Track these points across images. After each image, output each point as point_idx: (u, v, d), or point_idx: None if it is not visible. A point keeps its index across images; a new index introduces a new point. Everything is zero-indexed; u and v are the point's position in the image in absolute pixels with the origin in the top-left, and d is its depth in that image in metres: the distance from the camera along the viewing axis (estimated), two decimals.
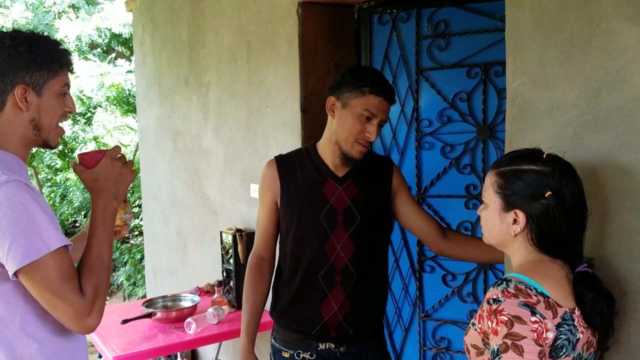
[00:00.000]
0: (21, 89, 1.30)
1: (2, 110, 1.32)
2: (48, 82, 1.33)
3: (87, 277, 1.28)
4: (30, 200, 1.22)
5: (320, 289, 1.79)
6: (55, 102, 1.36)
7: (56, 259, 1.23)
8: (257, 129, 2.87)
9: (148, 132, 4.35)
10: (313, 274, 1.79)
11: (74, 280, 1.26)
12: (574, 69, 1.39)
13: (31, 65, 1.31)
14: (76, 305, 1.24)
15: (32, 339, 1.30)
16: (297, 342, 1.83)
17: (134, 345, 2.46)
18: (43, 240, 1.21)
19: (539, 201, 1.18)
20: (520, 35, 1.50)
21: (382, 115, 1.72)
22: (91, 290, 1.27)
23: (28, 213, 1.21)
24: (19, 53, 1.30)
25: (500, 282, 1.18)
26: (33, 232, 1.21)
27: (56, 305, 1.24)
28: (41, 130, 1.35)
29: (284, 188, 1.82)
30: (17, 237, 1.19)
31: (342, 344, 1.81)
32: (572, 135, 1.41)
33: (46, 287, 1.22)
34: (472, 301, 2.55)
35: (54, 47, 1.35)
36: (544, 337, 1.10)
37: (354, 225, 1.77)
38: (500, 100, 2.38)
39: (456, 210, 2.53)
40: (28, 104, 1.32)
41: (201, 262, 3.61)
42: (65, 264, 1.25)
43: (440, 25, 2.48)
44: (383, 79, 1.75)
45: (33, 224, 1.21)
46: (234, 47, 2.99)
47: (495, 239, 1.28)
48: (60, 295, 1.23)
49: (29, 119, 1.33)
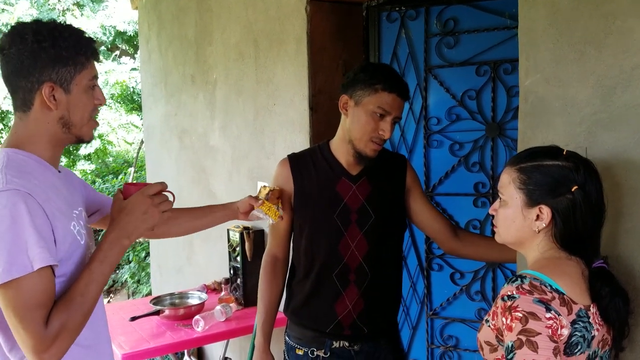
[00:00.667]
0: (48, 87, 1.24)
1: (30, 110, 1.27)
2: (75, 76, 1.27)
3: (58, 311, 1.18)
4: (22, 213, 1.14)
5: (334, 288, 1.78)
6: (84, 96, 1.29)
7: (35, 281, 1.14)
8: (264, 127, 2.87)
9: (154, 130, 4.35)
10: (327, 272, 1.79)
11: (44, 309, 1.16)
12: (588, 67, 1.39)
13: (57, 61, 1.24)
14: (36, 337, 1.14)
15: None
16: (311, 340, 1.82)
17: (142, 343, 2.46)
18: (28, 258, 1.13)
19: (565, 196, 1.18)
20: (534, 33, 1.50)
21: (396, 112, 1.71)
22: (57, 326, 1.16)
23: (16, 227, 1.13)
24: (43, 49, 1.23)
25: (515, 279, 1.18)
26: (17, 249, 1.13)
27: (17, 330, 1.16)
28: (71, 128, 1.29)
29: (297, 187, 1.82)
30: (1, 252, 1.12)
31: (356, 342, 1.80)
32: (586, 133, 1.40)
33: (13, 308, 1.14)
34: (480, 299, 2.55)
35: (78, 37, 1.27)
36: (558, 334, 1.10)
37: (368, 223, 1.77)
38: (509, 98, 2.37)
39: (465, 209, 2.53)
40: (57, 102, 1.26)
41: (207, 260, 3.61)
42: (42, 290, 1.16)
43: (449, 22, 2.47)
44: (396, 75, 1.74)
45: (18, 239, 1.13)
46: (242, 44, 2.99)
47: (513, 236, 1.27)
48: (24, 321, 1.14)
49: (57, 117, 1.27)
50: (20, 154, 1.26)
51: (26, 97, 1.26)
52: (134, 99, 7.74)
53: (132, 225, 1.30)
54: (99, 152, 7.72)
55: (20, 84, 1.26)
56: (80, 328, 1.22)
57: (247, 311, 2.82)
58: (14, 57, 1.24)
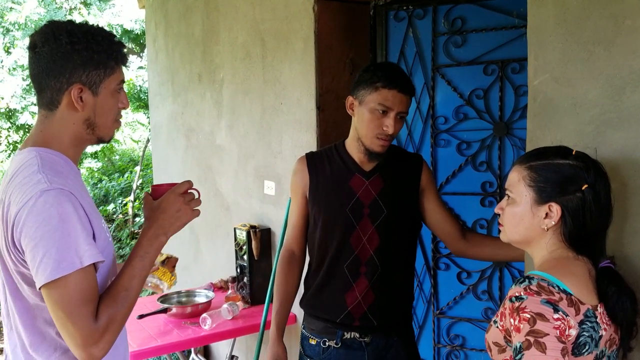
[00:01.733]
0: (77, 89, 1.26)
1: (57, 109, 1.28)
2: (105, 80, 1.28)
3: (106, 305, 1.22)
4: (69, 212, 1.18)
5: (345, 279, 1.83)
6: (111, 100, 1.31)
7: (81, 278, 1.18)
8: (271, 126, 2.88)
9: (160, 128, 4.36)
10: (339, 263, 1.83)
11: (92, 304, 1.20)
12: (597, 67, 1.39)
13: (88, 64, 1.25)
14: (85, 331, 1.18)
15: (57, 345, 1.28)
16: (324, 330, 1.87)
17: (150, 340, 2.47)
18: (77, 255, 1.17)
19: (575, 194, 1.18)
20: (543, 33, 1.50)
21: (399, 108, 1.74)
22: (105, 320, 1.20)
23: (64, 226, 1.17)
24: (76, 51, 1.24)
25: (522, 280, 1.18)
26: (66, 247, 1.16)
27: (65, 325, 1.18)
28: (95, 129, 1.32)
29: (312, 182, 1.88)
30: (50, 249, 1.15)
31: (366, 334, 1.84)
32: (594, 133, 1.40)
33: (61, 304, 1.17)
34: (487, 299, 2.54)
35: (110, 42, 1.29)
36: (566, 334, 1.10)
37: (380, 218, 1.81)
38: (517, 97, 2.37)
39: (472, 208, 2.53)
40: (84, 103, 1.27)
41: (213, 259, 3.63)
42: (89, 285, 1.20)
43: (457, 21, 2.47)
44: (397, 72, 1.77)
45: (68, 237, 1.17)
46: (249, 44, 2.99)
47: (521, 235, 1.27)
48: (72, 317, 1.17)
49: (83, 118, 1.29)
50: (50, 153, 1.28)
51: (54, 97, 1.28)
52: (141, 97, 7.77)
53: (168, 223, 1.34)
54: (105, 150, 7.75)
55: (50, 83, 1.27)
56: (125, 321, 1.26)
57: (254, 309, 2.83)
58: (46, 56, 1.25)
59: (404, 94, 1.74)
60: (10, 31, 7.27)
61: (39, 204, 1.17)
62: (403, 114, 1.76)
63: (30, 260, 1.17)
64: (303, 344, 1.94)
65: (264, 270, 2.89)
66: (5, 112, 7.04)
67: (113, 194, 7.05)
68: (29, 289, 1.25)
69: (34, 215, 1.16)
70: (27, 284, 1.25)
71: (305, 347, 1.92)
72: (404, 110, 1.76)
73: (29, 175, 1.21)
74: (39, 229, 1.16)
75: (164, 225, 1.34)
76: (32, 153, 1.26)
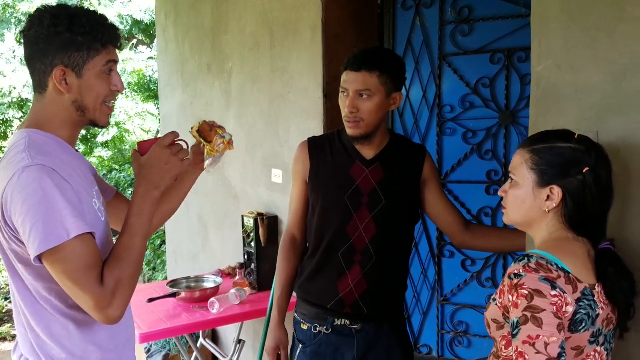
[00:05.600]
0: (60, 71, 1.27)
1: (45, 92, 1.31)
2: (88, 62, 1.29)
3: (110, 268, 1.24)
4: (51, 186, 1.19)
5: (338, 266, 1.84)
6: (98, 82, 1.31)
7: (76, 247, 1.20)
8: (279, 115, 2.91)
9: (170, 118, 4.41)
10: (333, 250, 1.84)
11: (96, 269, 1.22)
12: (599, 53, 1.40)
13: (70, 46, 1.26)
14: (95, 296, 1.20)
15: (69, 319, 1.31)
16: (315, 315, 1.88)
17: (159, 323, 2.53)
18: (63, 227, 1.18)
19: (576, 177, 1.21)
20: (546, 19, 1.51)
21: (354, 86, 1.73)
22: (112, 282, 1.23)
23: (48, 198, 1.18)
24: (57, 33, 1.25)
25: (522, 258, 1.21)
26: (52, 218, 1.18)
27: (76, 293, 1.22)
28: (85, 112, 1.32)
29: (313, 167, 1.88)
30: (37, 223, 1.17)
31: (357, 322, 1.84)
32: (595, 118, 1.42)
33: (66, 274, 1.20)
34: (490, 286, 2.57)
35: (96, 24, 1.29)
36: (563, 311, 1.13)
37: (378, 207, 1.81)
38: (523, 86, 2.39)
39: (477, 196, 2.55)
40: (68, 85, 1.29)
41: (222, 246, 3.67)
42: (87, 252, 1.21)
43: (464, 10, 2.49)
44: (359, 53, 1.76)
45: (51, 210, 1.18)
46: (258, 33, 3.03)
47: (523, 217, 1.29)
48: (80, 284, 1.20)
49: (71, 100, 1.30)
50: (40, 134, 1.30)
51: (41, 79, 1.31)
52: (151, 87, 7.81)
53: (158, 177, 1.34)
54: (116, 140, 7.81)
55: (36, 66, 1.30)
56: (135, 280, 1.28)
57: (261, 295, 2.88)
58: (32, 40, 1.29)
59: (356, 71, 1.72)
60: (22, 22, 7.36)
61: (22, 179, 1.19)
62: (362, 91, 1.72)
63: (22, 234, 1.20)
64: (295, 329, 1.95)
65: (271, 256, 2.93)
66: (17, 101, 7.11)
67: (123, 185, 7.11)
68: (23, 268, 1.28)
69: (19, 191, 1.19)
70: (20, 262, 1.28)
71: (298, 331, 1.93)
72: (361, 88, 1.72)
73: (15, 155, 1.24)
74: (24, 203, 1.18)
75: (155, 180, 1.34)
76: (22, 134, 1.30)
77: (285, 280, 1.96)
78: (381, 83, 1.73)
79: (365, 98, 1.73)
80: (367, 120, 1.75)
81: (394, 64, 1.77)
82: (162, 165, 1.35)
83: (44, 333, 1.31)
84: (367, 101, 1.73)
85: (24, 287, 1.31)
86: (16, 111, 7.21)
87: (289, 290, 1.97)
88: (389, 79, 1.74)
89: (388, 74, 1.73)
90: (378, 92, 1.73)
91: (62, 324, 1.31)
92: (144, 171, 1.35)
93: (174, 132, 1.40)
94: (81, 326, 1.33)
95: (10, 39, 7.57)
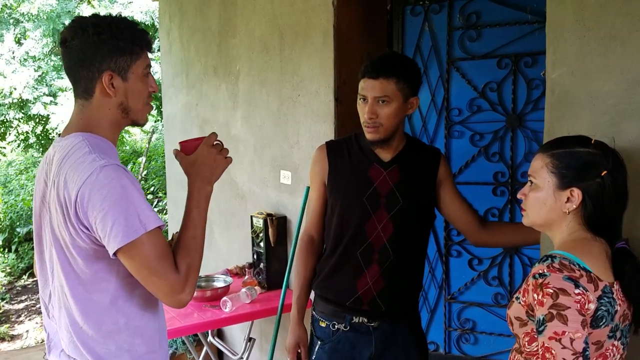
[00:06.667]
0: (108, 76, 1.35)
1: (92, 97, 1.38)
2: (132, 65, 1.37)
3: (182, 256, 1.34)
4: (128, 183, 1.29)
5: (357, 264, 1.89)
6: (140, 84, 1.40)
7: (152, 239, 1.29)
8: (288, 117, 2.96)
9: (174, 119, 4.44)
10: (352, 249, 1.89)
11: (169, 258, 1.32)
12: (613, 62, 1.47)
13: (115, 51, 1.35)
14: (171, 282, 1.30)
15: (120, 313, 1.38)
16: (333, 313, 1.94)
17: (173, 322, 2.57)
18: (140, 221, 1.27)
19: (595, 180, 1.27)
20: (561, 28, 1.57)
21: (372, 93, 1.79)
22: (185, 268, 1.33)
23: (127, 195, 1.28)
24: (102, 40, 1.33)
25: (545, 259, 1.27)
26: (132, 213, 1.27)
27: (152, 281, 1.31)
28: (129, 113, 1.41)
29: (331, 170, 1.94)
30: (119, 217, 1.26)
31: (374, 319, 1.90)
32: (609, 124, 1.49)
33: (143, 264, 1.29)
34: (497, 284, 2.64)
35: (133, 29, 1.39)
36: (586, 308, 1.19)
37: (396, 208, 1.86)
38: (529, 90, 2.46)
39: (484, 197, 2.62)
40: (115, 89, 1.37)
41: (228, 246, 3.72)
42: (160, 243, 1.31)
43: (472, 16, 2.56)
44: (375, 60, 1.82)
45: (132, 206, 1.27)
46: (267, 37, 3.07)
47: (543, 218, 1.35)
48: (156, 272, 1.29)
49: (117, 103, 1.38)
50: (94, 137, 1.37)
51: (87, 86, 1.37)
52: None
53: (209, 173, 1.45)
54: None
55: (82, 74, 1.37)
56: (200, 266, 1.39)
57: (271, 294, 2.93)
58: (77, 49, 1.35)
59: (374, 78, 1.78)
60: (21, 22, 7.34)
61: (101, 178, 1.27)
62: (381, 98, 1.78)
63: (101, 230, 1.27)
64: (314, 326, 2.00)
65: (280, 256, 2.99)
66: (18, 102, 7.10)
67: None
68: (83, 263, 1.34)
69: (98, 189, 1.26)
70: (81, 258, 1.34)
71: (316, 329, 1.99)
72: (380, 95, 1.78)
73: (82, 156, 1.31)
74: (105, 200, 1.26)
75: (207, 176, 1.45)
76: (78, 137, 1.36)
77: (304, 280, 2.01)
78: (399, 89, 1.78)
79: (384, 104, 1.79)
80: (386, 125, 1.81)
81: (410, 70, 1.83)
82: (211, 162, 1.45)
83: (93, 329, 1.37)
84: (386, 107, 1.79)
85: (78, 284, 1.37)
86: (16, 112, 7.20)
87: (308, 289, 2.02)
88: (406, 84, 1.80)
89: (405, 79, 1.79)
90: (396, 97, 1.79)
91: (113, 319, 1.38)
92: (196, 168, 1.45)
93: (215, 133, 1.49)
94: (130, 320, 1.40)
95: (9, 39, 7.56)
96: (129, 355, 1.41)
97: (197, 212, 1.42)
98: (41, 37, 7.31)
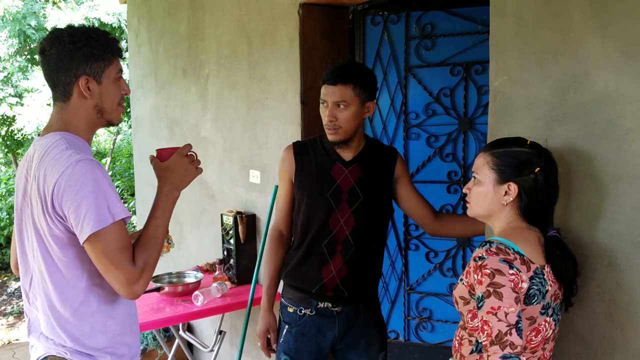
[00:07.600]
0: (84, 79, 1.49)
1: (70, 99, 1.51)
2: (105, 70, 1.51)
3: (140, 251, 1.46)
4: (101, 176, 1.42)
5: (322, 255, 2.05)
6: (113, 87, 1.54)
7: (116, 230, 1.41)
8: (257, 119, 3.08)
9: (143, 120, 4.51)
10: (318, 242, 2.05)
11: (129, 250, 1.44)
12: (547, 71, 1.62)
13: (90, 58, 1.49)
14: (127, 273, 1.41)
15: (94, 296, 1.51)
16: (300, 299, 2.10)
17: (146, 315, 2.67)
18: (109, 211, 1.40)
19: (530, 176, 1.45)
20: (502, 42, 1.74)
21: (331, 98, 1.94)
22: (142, 263, 1.44)
23: (99, 186, 1.40)
24: (78, 48, 1.47)
25: (484, 244, 1.44)
26: (102, 203, 1.40)
27: (110, 270, 1.42)
28: (104, 113, 1.54)
29: (298, 169, 2.09)
30: (90, 207, 1.38)
31: (338, 304, 2.07)
32: (544, 127, 1.65)
33: (105, 253, 1.40)
34: (451, 275, 2.84)
35: (105, 38, 1.52)
36: (519, 287, 1.36)
37: (357, 203, 2.02)
38: (479, 95, 2.65)
39: (439, 195, 2.81)
40: (91, 91, 1.50)
41: (198, 244, 3.81)
42: (123, 235, 1.43)
43: (427, 27, 2.74)
44: (334, 67, 2.00)
45: (102, 197, 1.40)
46: (235, 42, 3.19)
47: (484, 209, 1.52)
48: (115, 262, 1.40)
49: (93, 104, 1.52)
50: (71, 136, 1.50)
51: (66, 90, 1.51)
52: None
53: (178, 180, 1.58)
54: None
55: (61, 79, 1.51)
56: (156, 263, 1.51)
57: (241, 289, 3.06)
58: (54, 57, 1.49)
59: (333, 84, 1.93)
60: None
61: (76, 171, 1.40)
62: (339, 102, 1.93)
63: (74, 219, 1.40)
64: (282, 312, 2.16)
65: (250, 252, 3.12)
66: None
67: None
68: (58, 251, 1.47)
69: (73, 181, 1.40)
70: (57, 246, 1.47)
71: (284, 314, 2.14)
72: (338, 100, 1.93)
73: (59, 152, 1.44)
74: (79, 192, 1.39)
75: (176, 182, 1.57)
76: (56, 136, 1.49)
77: (273, 271, 2.15)
78: (356, 94, 1.95)
79: (342, 108, 1.95)
80: (345, 127, 1.97)
81: (366, 77, 1.99)
82: (182, 170, 1.59)
83: (69, 311, 1.50)
84: (344, 111, 1.95)
85: (56, 270, 1.49)
86: None
87: (277, 280, 2.17)
88: (362, 90, 1.96)
89: (361, 85, 1.95)
90: (353, 102, 1.95)
91: (87, 302, 1.51)
92: (167, 174, 1.58)
93: (189, 144, 1.63)
94: (102, 303, 1.53)
95: None
96: (103, 336, 1.55)
97: (162, 213, 1.54)
98: (7, 38, 7.23)
